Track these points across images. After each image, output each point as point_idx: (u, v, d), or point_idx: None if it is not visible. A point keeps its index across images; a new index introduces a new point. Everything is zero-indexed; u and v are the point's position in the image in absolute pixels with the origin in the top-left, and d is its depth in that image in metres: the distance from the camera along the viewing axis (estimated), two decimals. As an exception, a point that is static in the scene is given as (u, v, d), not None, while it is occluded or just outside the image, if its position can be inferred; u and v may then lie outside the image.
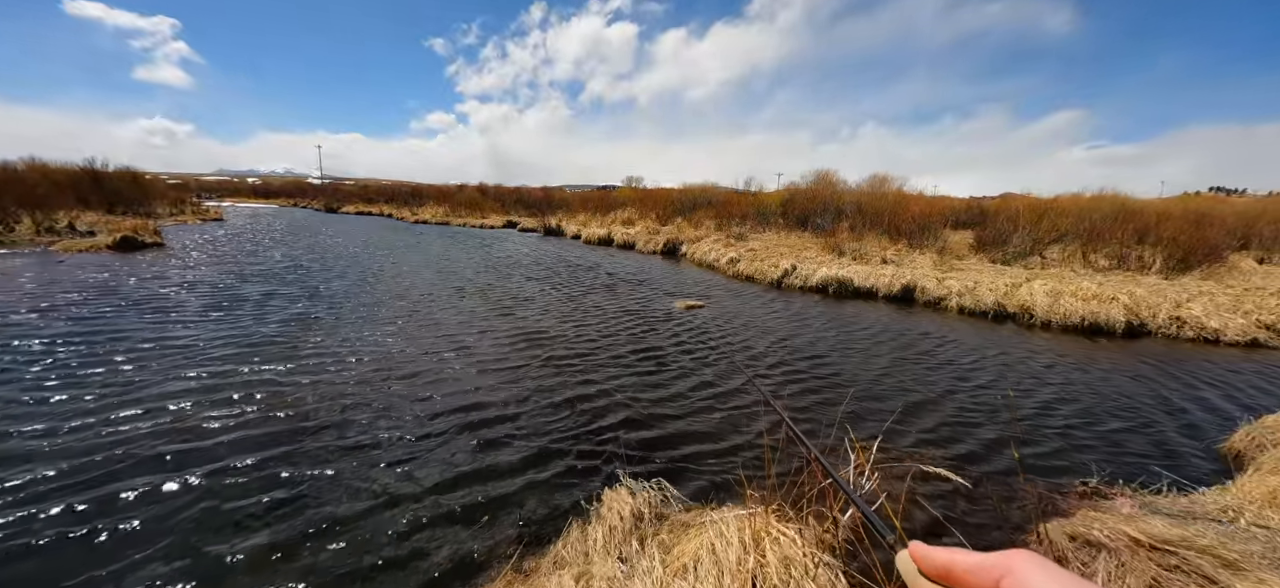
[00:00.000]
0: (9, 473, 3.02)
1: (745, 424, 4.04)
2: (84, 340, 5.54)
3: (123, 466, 3.18)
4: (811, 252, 12.69)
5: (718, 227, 16.65)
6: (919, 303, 9.34)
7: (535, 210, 27.49)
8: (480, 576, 2.40)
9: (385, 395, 4.39)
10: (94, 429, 3.60)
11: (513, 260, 13.73)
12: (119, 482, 3.01)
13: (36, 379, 4.42)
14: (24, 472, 3.04)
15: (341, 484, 3.08)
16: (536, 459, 3.45)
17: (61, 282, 8.72)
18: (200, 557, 2.46)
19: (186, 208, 26.40)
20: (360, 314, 7.26)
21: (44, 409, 3.88)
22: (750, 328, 7.21)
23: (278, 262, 12.31)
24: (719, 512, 2.67)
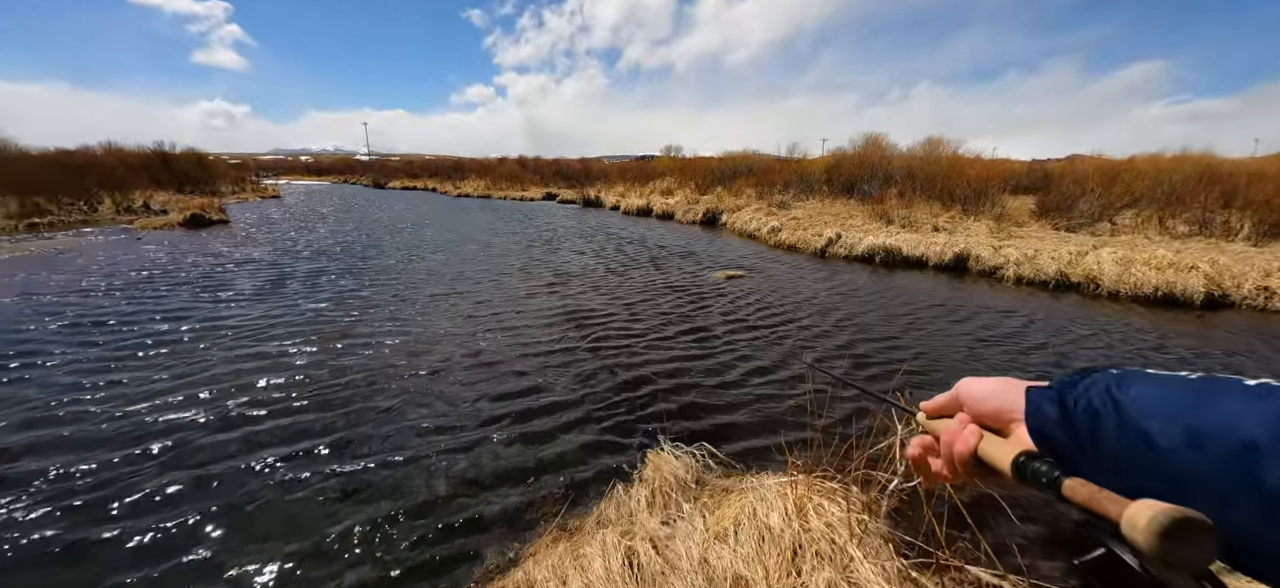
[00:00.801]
0: (89, 434, 3.34)
1: (786, 393, 4.01)
2: (161, 313, 6.00)
3: (209, 428, 3.46)
4: (857, 220, 12.25)
5: (759, 195, 16.26)
6: (972, 273, 8.91)
7: (574, 182, 27.59)
8: (529, 532, 2.51)
9: (436, 366, 4.57)
10: (196, 385, 3.92)
11: (554, 233, 13.88)
12: (206, 438, 3.28)
13: (128, 347, 4.83)
14: (98, 440, 3.35)
15: (396, 448, 3.25)
16: (578, 425, 3.53)
17: (144, 257, 9.44)
18: (264, 520, 2.67)
19: (247, 186, 27.88)
20: (412, 289, 7.54)
21: (136, 374, 4.25)
22: (792, 298, 7.08)
23: (332, 238, 12.88)
24: (759, 478, 2.68)
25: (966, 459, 0.49)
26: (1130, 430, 0.38)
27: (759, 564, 2.10)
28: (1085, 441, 0.41)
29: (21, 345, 4.82)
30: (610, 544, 2.07)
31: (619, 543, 2.08)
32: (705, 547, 2.16)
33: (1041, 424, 0.45)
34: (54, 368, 4.32)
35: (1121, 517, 0.35)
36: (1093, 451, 0.40)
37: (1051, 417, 0.44)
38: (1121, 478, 0.37)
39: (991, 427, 0.50)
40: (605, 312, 6.25)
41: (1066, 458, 0.42)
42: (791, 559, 2.11)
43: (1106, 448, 0.39)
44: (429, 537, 2.48)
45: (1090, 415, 0.41)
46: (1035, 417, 0.45)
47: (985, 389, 0.52)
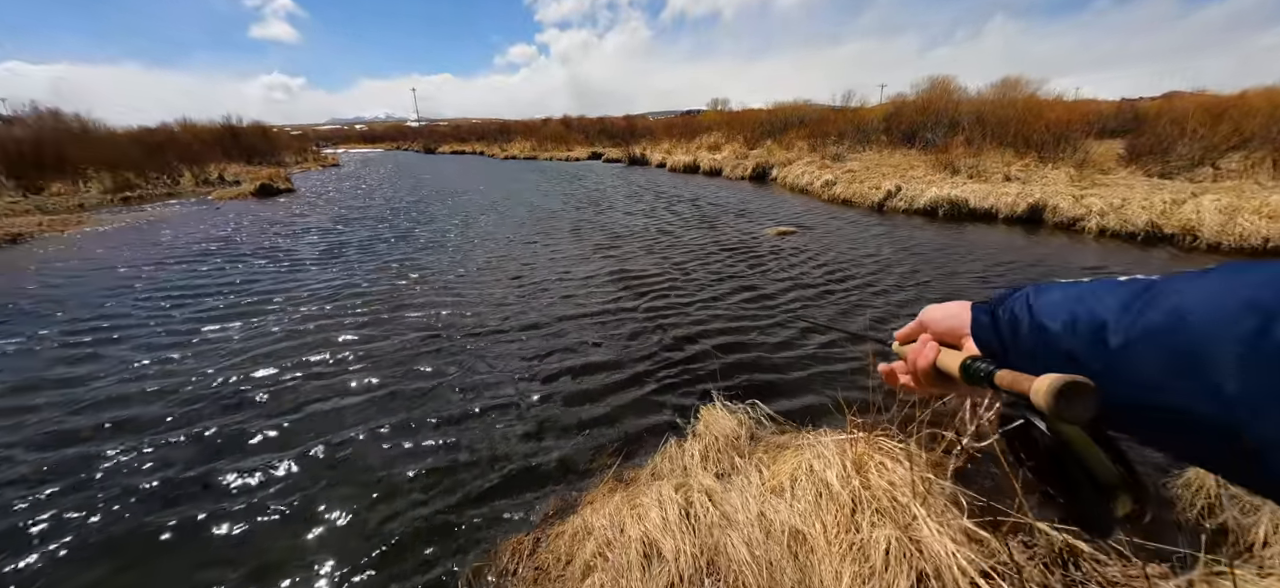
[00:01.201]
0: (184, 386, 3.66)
1: (840, 351, 3.89)
2: (240, 278, 6.45)
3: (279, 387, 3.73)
4: (919, 170, 11.53)
5: (811, 148, 15.57)
6: (1048, 225, 8.26)
7: (619, 140, 27.28)
8: (585, 481, 2.58)
9: (490, 326, 4.72)
10: (279, 341, 4.24)
11: (601, 193, 13.86)
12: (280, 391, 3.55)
13: (207, 307, 5.24)
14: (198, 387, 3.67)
15: (456, 403, 3.40)
16: (630, 381, 3.57)
17: (223, 226, 10.14)
18: (340, 469, 2.86)
19: (308, 156, 29.20)
20: (465, 253, 7.76)
21: (225, 331, 4.62)
22: (847, 254, 6.81)
23: (388, 205, 13.36)
24: (816, 435, 2.63)
25: (927, 370, 0.59)
26: (1037, 327, 0.47)
27: (817, 520, 2.08)
28: (1009, 341, 0.50)
29: (124, 310, 5.32)
30: (666, 496, 2.10)
31: (675, 495, 2.11)
32: (761, 501, 2.15)
33: (979, 333, 0.54)
34: (153, 330, 4.75)
35: (1031, 390, 0.42)
36: (1015, 348, 0.50)
37: (986, 325, 0.53)
38: (1036, 366, 0.43)
39: (948, 343, 0.59)
40: (654, 269, 6.23)
41: (1000, 357, 0.51)
42: (851, 515, 2.08)
43: (1025, 345, 0.48)
44: (491, 483, 2.60)
45: (1011, 321, 0.50)
46: (975, 327, 0.55)
47: (941, 312, 0.60)
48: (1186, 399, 0.36)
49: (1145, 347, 0.38)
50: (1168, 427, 0.39)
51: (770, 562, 1.91)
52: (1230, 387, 0.34)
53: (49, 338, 4.51)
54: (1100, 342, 0.41)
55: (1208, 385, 0.35)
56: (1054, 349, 0.45)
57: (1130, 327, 0.39)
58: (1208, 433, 0.36)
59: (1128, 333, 0.39)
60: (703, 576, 1.86)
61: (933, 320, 0.61)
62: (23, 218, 10.39)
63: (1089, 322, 0.42)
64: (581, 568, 1.94)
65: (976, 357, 0.53)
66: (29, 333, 4.63)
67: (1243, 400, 0.33)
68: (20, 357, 4.14)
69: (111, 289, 5.92)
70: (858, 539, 2.00)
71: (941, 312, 0.60)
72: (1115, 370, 0.40)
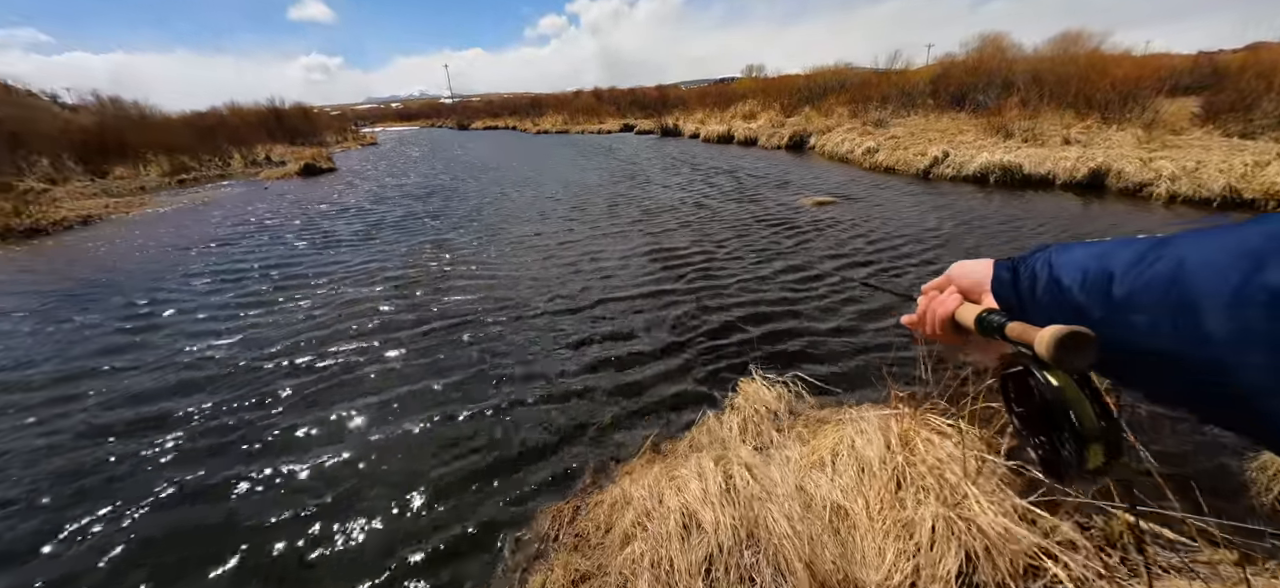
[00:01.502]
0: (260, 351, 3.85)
1: (883, 324, 3.77)
2: (287, 256, 6.71)
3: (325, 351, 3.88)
4: (969, 135, 10.93)
5: (852, 114, 14.95)
6: (1112, 191, 7.72)
7: (650, 111, 26.87)
8: (622, 452, 2.60)
9: (526, 300, 4.77)
10: (321, 311, 4.42)
11: (635, 166, 13.74)
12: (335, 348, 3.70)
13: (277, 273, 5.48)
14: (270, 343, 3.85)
15: (495, 378, 3.46)
16: (668, 354, 3.56)
17: (271, 205, 10.56)
18: (377, 437, 2.96)
19: (348, 135, 29.96)
20: (499, 230, 7.85)
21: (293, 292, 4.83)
22: (889, 223, 6.55)
23: (424, 182, 13.60)
24: (859, 410, 2.57)
25: (945, 319, 0.61)
26: (1053, 282, 0.49)
27: (859, 495, 2.04)
28: (1026, 296, 0.52)
29: (180, 290, 5.63)
30: (705, 468, 2.09)
31: (714, 467, 2.10)
32: (801, 475, 2.12)
33: (998, 288, 0.56)
34: (210, 305, 5.01)
35: (1035, 340, 0.45)
36: (1031, 304, 0.52)
37: (1006, 281, 0.55)
38: (1048, 321, 0.45)
39: (972, 298, 0.61)
40: (688, 242, 6.15)
41: (1015, 312, 0.53)
42: (895, 492, 2.03)
43: (1041, 300, 0.50)
44: (530, 453, 2.65)
45: (1031, 277, 0.52)
46: (995, 283, 0.57)
47: (968, 267, 0.62)
48: (1179, 344, 0.38)
49: (1145, 296, 0.40)
50: (1162, 373, 0.41)
51: (811, 536, 1.89)
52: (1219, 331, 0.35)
53: (118, 313, 4.83)
54: (1105, 293, 0.43)
55: (1199, 330, 0.36)
56: (1065, 304, 0.47)
57: (1135, 278, 0.41)
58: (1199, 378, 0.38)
59: (1132, 284, 0.41)
60: (742, 547, 1.85)
61: (959, 275, 0.63)
62: (91, 201, 11.07)
63: (1099, 275, 0.44)
64: (621, 536, 1.96)
65: (992, 310, 0.55)
66: (102, 309, 4.97)
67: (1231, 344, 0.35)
68: (95, 332, 4.45)
69: (171, 267, 6.27)
70: (903, 516, 1.94)
71: (968, 267, 0.62)
72: (1116, 319, 0.42)
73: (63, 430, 3.00)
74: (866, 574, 1.79)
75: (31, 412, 3.21)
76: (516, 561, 2.02)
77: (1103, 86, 10.99)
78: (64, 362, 3.86)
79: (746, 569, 1.80)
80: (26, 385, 3.54)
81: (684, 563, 1.80)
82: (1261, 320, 0.33)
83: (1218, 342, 0.35)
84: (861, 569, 1.81)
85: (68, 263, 6.70)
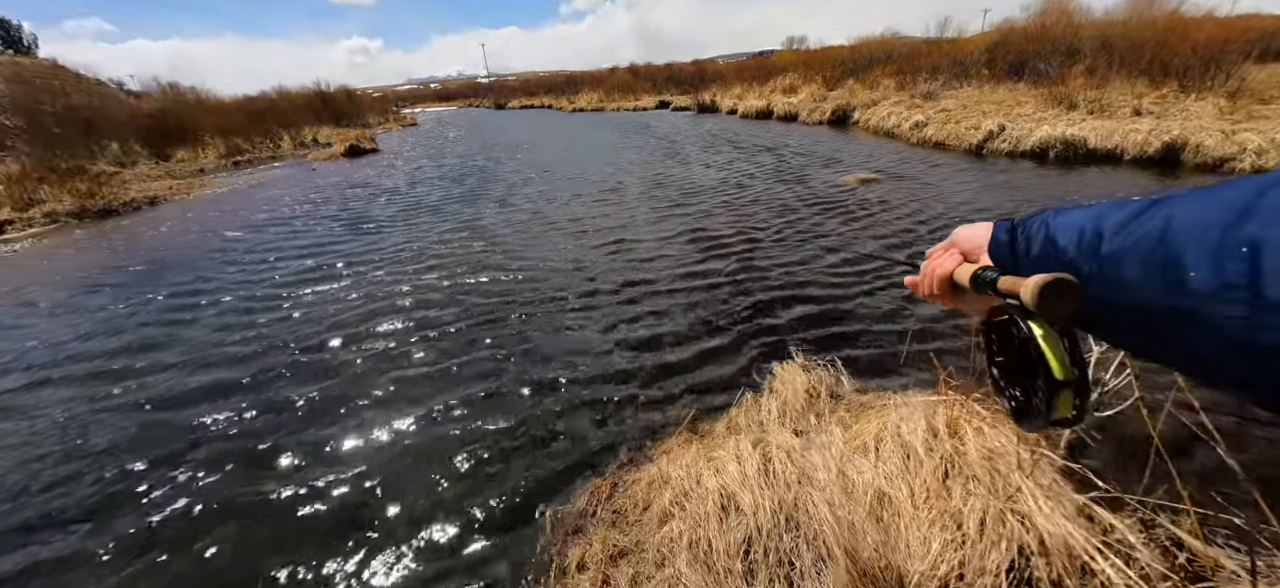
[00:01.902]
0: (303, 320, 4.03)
1: (932, 308, 3.62)
2: (327, 237, 6.96)
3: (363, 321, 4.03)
4: (1027, 107, 10.28)
5: (899, 86, 14.28)
6: (1187, 166, 7.14)
7: (687, 87, 26.39)
8: (660, 432, 2.61)
9: (568, 278, 4.81)
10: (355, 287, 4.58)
11: (671, 144, 13.57)
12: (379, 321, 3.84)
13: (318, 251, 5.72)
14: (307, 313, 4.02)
15: (534, 356, 3.52)
16: (705, 335, 3.53)
17: (319, 186, 10.97)
18: (418, 415, 3.05)
19: (389, 116, 30.66)
20: (539, 208, 7.92)
21: (330, 270, 5.04)
22: (938, 202, 6.26)
23: (462, 162, 13.83)
24: (904, 395, 2.49)
25: (943, 278, 0.64)
26: (1049, 242, 0.50)
27: (903, 483, 1.98)
28: (1022, 254, 0.54)
29: (240, 263, 5.92)
30: (744, 450, 2.07)
31: (753, 450, 2.08)
32: (843, 461, 2.08)
33: (994, 248, 0.58)
34: (269, 281, 5.27)
35: (1021, 288, 0.47)
36: (1027, 262, 0.53)
37: (1003, 242, 0.57)
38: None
39: (971, 259, 0.62)
40: (725, 221, 6.05)
41: (1010, 270, 0.54)
42: (942, 481, 1.96)
43: (1036, 258, 0.52)
44: (567, 430, 2.69)
45: (1026, 238, 0.53)
46: (992, 243, 0.59)
47: (970, 231, 0.63)
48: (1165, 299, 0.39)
49: (1134, 253, 0.41)
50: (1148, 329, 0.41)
51: (852, 523, 1.85)
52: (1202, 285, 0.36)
53: (185, 287, 5.14)
54: (1095, 249, 0.45)
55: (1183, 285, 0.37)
56: (1057, 261, 0.48)
57: (1126, 236, 0.42)
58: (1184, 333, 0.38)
59: (1122, 242, 0.42)
60: (781, 531, 1.84)
61: (961, 238, 0.65)
62: (156, 182, 11.76)
63: (1092, 232, 0.45)
64: (659, 515, 1.97)
65: (987, 267, 0.57)
66: (169, 285, 5.30)
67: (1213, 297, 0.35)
68: (162, 306, 4.76)
69: (232, 243, 6.62)
70: (950, 506, 1.88)
71: (970, 231, 0.64)
72: (1103, 273, 0.44)
73: (149, 392, 3.24)
74: (910, 564, 1.75)
75: (121, 378, 3.47)
76: (556, 534, 2.07)
77: (1182, 51, 10.11)
78: (137, 333, 4.15)
79: (785, 553, 1.78)
80: (107, 353, 3.82)
81: (722, 544, 1.80)
82: (1241, 273, 0.34)
83: (1201, 294, 0.36)
84: (905, 559, 1.76)
85: (140, 241, 7.16)
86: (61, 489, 2.51)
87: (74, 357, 3.82)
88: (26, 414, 3.14)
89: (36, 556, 2.17)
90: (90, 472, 2.60)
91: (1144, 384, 2.06)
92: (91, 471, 2.61)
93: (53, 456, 2.74)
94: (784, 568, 1.74)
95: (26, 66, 20.56)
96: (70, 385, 3.44)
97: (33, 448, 2.81)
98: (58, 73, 19.69)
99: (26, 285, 5.56)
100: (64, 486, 2.53)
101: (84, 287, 5.38)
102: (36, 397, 3.34)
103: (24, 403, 3.28)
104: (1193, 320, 0.37)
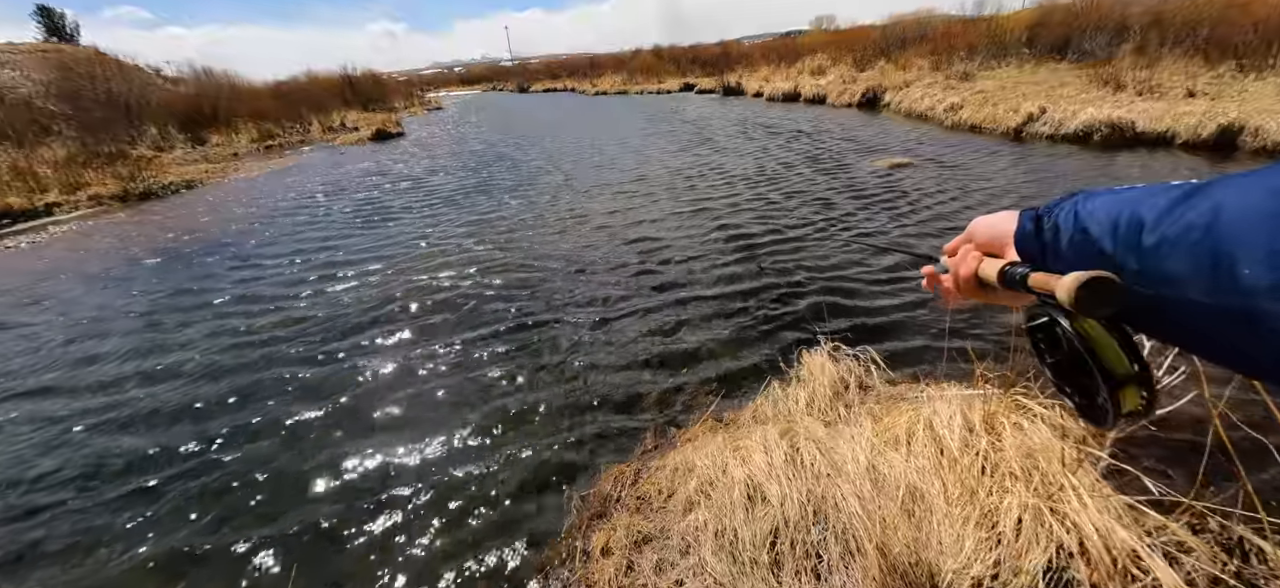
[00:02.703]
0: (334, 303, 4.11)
1: (963, 301, 3.50)
2: (361, 222, 7.07)
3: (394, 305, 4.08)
4: (1070, 88, 9.81)
5: (934, 67, 13.79)
6: (1245, 151, 6.73)
7: (712, 68, 25.95)
8: (684, 418, 2.59)
9: (592, 263, 4.80)
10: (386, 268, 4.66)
11: (692, 125, 13.39)
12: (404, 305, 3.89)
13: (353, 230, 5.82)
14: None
15: (557, 341, 3.52)
16: (730, 322, 3.48)
17: (346, 170, 11.16)
18: (445, 398, 3.08)
19: (414, 101, 30.90)
20: (564, 193, 7.91)
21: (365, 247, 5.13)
22: (973, 188, 6.04)
23: (486, 147, 13.89)
24: (936, 388, 2.42)
25: (969, 278, 0.60)
26: (1080, 230, 0.46)
27: (937, 478, 1.93)
28: (1050, 245, 0.50)
29: (277, 246, 6.07)
30: (771, 440, 2.03)
31: (780, 440, 2.04)
32: (874, 454, 2.02)
33: (1021, 240, 0.54)
34: (306, 264, 5.39)
35: (1057, 287, 0.43)
36: (1056, 253, 0.50)
37: (1029, 233, 0.53)
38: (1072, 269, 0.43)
39: (993, 252, 0.59)
40: (751, 207, 5.95)
41: (1039, 263, 0.51)
42: (978, 477, 1.90)
43: (1065, 249, 0.48)
44: (591, 415, 2.69)
45: (1055, 227, 0.50)
46: (1018, 235, 0.55)
47: (988, 222, 0.60)
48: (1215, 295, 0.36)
49: (1177, 243, 0.38)
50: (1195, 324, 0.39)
51: (883, 517, 1.81)
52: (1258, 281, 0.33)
53: (227, 265, 5.30)
54: (1135, 241, 0.41)
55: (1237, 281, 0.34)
56: (1092, 253, 0.45)
57: (1169, 226, 0.39)
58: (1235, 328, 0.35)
59: (1164, 231, 0.39)
60: (809, 524, 1.80)
61: (979, 231, 0.61)
62: (193, 167, 12.11)
63: (1130, 222, 0.42)
64: (684, 503, 1.96)
65: (1015, 262, 0.53)
66: (210, 263, 5.46)
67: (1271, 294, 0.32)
68: (205, 284, 4.91)
69: (267, 224, 6.78)
70: (986, 503, 1.82)
71: (988, 222, 0.60)
72: (1146, 268, 0.40)
73: (204, 358, 3.36)
74: (942, 561, 1.70)
75: (174, 345, 3.61)
76: (581, 517, 2.07)
77: (1242, 28, 9.50)
78: (184, 313, 4.30)
79: (813, 545, 1.75)
80: (161, 327, 3.97)
81: (748, 534, 1.78)
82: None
83: (1257, 292, 0.33)
84: (937, 555, 1.72)
85: (179, 223, 7.40)
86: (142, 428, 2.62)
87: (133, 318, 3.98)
88: (101, 368, 3.29)
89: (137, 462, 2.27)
90: (158, 417, 2.72)
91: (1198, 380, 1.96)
92: (158, 417, 2.73)
93: (130, 399, 2.87)
94: (811, 560, 1.71)
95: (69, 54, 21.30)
96: (132, 338, 3.59)
97: (118, 393, 2.95)
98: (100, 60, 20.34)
99: (84, 260, 5.82)
100: (146, 421, 2.65)
101: (128, 262, 5.60)
102: (104, 348, 3.50)
103: (102, 353, 3.47)
104: (1247, 321, 0.34)
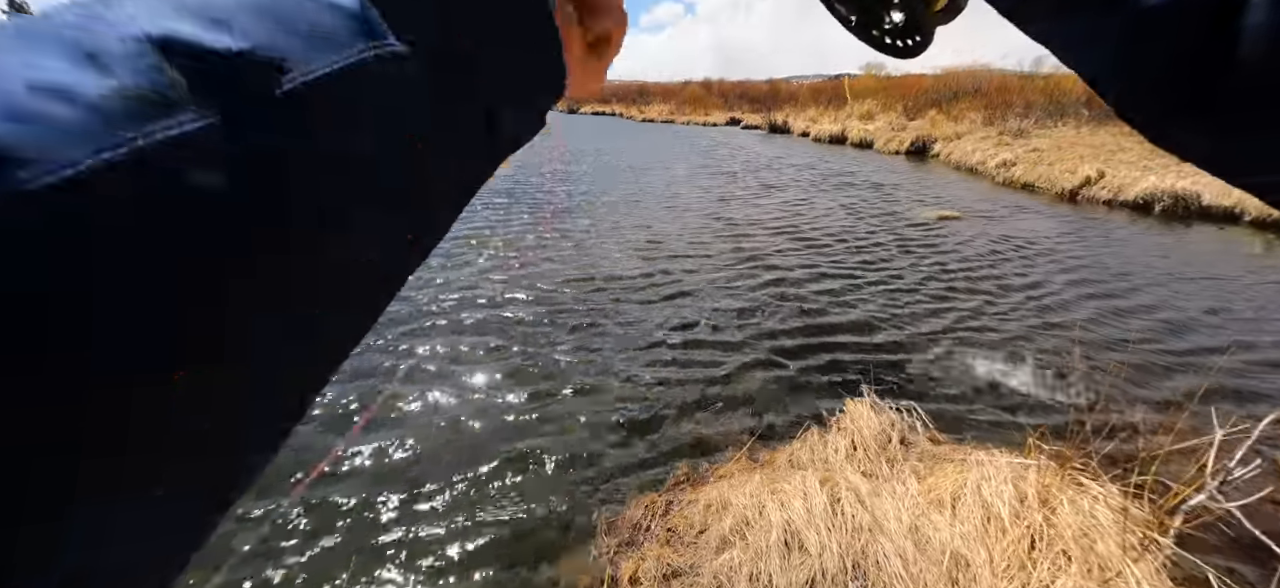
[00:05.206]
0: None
1: (1018, 363, 3.39)
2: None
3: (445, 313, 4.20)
4: (1131, 153, 9.49)
5: (987, 121, 13.56)
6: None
7: (759, 106, 26.14)
8: (717, 455, 2.57)
9: (632, 294, 4.86)
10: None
11: (739, 161, 13.46)
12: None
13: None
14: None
15: (591, 368, 3.56)
16: (769, 362, 3.45)
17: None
18: (478, 419, 3.14)
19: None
20: (609, 221, 8.04)
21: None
22: (1026, 248, 5.87)
23: (535, 173, 14.25)
24: (986, 452, 2.34)
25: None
26: None
27: (982, 546, 1.86)
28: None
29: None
30: (811, 486, 2.00)
31: (820, 488, 2.01)
32: (917, 514, 1.97)
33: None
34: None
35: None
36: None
37: None
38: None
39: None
40: (797, 247, 5.93)
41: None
42: (1028, 551, 1.82)
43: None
44: (624, 443, 2.69)
45: None
46: None
47: None
48: None
49: None
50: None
51: (926, 583, 1.75)
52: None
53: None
54: None
55: None
56: None
57: None
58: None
59: None
60: (848, 577, 1.76)
61: None
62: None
63: None
64: (717, 540, 1.94)
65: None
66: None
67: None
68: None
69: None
70: (1033, 578, 1.75)
71: None
72: None
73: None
74: (988, 636, 1.63)
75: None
76: (609, 543, 2.06)
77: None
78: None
79: (851, 602, 1.70)
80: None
81: (784, 582, 1.74)
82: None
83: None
84: (981, 629, 1.65)
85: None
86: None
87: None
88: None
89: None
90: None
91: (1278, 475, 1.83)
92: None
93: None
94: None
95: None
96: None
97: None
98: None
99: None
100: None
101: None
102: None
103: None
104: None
